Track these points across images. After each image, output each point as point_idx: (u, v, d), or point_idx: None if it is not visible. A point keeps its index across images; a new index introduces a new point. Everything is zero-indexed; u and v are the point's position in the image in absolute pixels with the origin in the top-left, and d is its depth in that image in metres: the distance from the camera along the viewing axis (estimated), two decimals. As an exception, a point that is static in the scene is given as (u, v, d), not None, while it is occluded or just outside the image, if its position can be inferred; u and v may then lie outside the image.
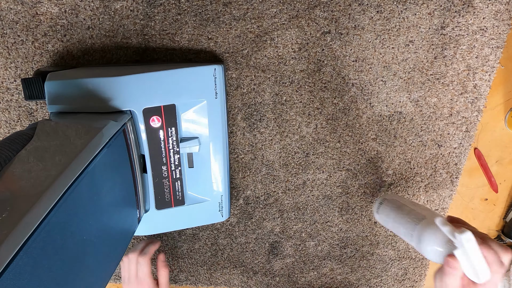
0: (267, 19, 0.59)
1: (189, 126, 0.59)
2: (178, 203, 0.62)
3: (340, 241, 0.76)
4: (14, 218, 0.30)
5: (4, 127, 0.64)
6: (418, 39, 0.60)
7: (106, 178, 0.45)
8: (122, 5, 0.57)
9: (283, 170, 0.69)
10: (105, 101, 0.51)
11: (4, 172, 0.36)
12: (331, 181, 0.71)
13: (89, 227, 0.41)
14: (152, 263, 0.75)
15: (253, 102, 0.64)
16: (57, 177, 0.35)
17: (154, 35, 0.59)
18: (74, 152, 0.39)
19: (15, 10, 0.57)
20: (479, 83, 0.63)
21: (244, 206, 0.73)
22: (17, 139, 0.41)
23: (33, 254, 0.31)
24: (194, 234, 0.75)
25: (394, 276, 0.80)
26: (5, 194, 0.33)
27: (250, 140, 0.67)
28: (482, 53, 0.61)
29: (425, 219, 0.52)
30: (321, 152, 0.68)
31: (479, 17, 0.59)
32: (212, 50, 0.60)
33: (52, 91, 0.51)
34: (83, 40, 0.59)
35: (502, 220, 0.76)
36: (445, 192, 0.72)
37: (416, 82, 0.63)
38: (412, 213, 0.55)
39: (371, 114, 0.65)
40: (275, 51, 0.61)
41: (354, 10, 0.58)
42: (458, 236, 0.42)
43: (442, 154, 0.69)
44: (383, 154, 0.68)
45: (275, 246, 0.77)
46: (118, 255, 0.53)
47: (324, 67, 0.62)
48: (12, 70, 0.60)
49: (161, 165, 0.58)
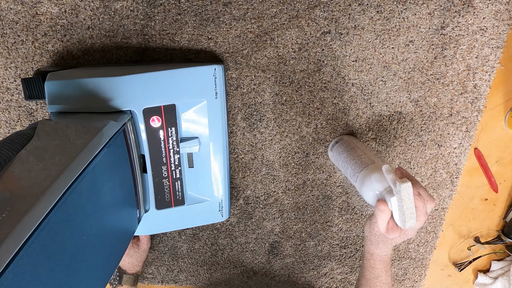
0: (267, 19, 0.59)
1: (189, 126, 0.59)
2: (178, 203, 0.62)
3: (340, 241, 0.76)
4: (14, 218, 0.30)
5: (4, 127, 0.64)
6: (418, 39, 0.60)
7: (106, 178, 0.45)
8: (122, 5, 0.57)
9: (283, 170, 0.69)
10: (105, 101, 0.51)
11: (4, 172, 0.36)
12: (331, 181, 0.71)
13: (89, 227, 0.41)
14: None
15: (253, 102, 0.64)
16: (57, 177, 0.35)
17: (154, 35, 0.59)
18: (74, 152, 0.39)
19: (15, 10, 0.57)
20: (479, 83, 0.63)
21: (244, 206, 0.73)
22: (17, 139, 0.41)
23: (33, 254, 0.31)
24: (194, 234, 0.75)
25: (394, 276, 0.80)
26: (5, 194, 0.33)
27: (250, 140, 0.67)
28: (482, 53, 0.61)
29: (372, 164, 0.54)
30: (321, 152, 0.68)
31: (479, 17, 0.59)
32: (212, 50, 0.60)
33: (52, 91, 0.51)
34: (83, 40, 0.59)
35: (502, 220, 0.76)
36: (445, 192, 0.72)
37: (416, 82, 0.63)
38: (362, 156, 0.57)
39: (371, 114, 0.65)
40: (275, 51, 0.61)
41: (354, 10, 0.58)
42: (399, 185, 0.44)
43: (442, 154, 0.69)
44: (383, 154, 0.68)
45: (275, 246, 0.77)
46: (118, 255, 0.53)
47: (324, 67, 0.62)
48: (12, 70, 0.60)
49: (161, 165, 0.58)
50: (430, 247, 0.78)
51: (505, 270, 0.78)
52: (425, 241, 0.77)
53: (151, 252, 0.77)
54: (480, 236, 0.78)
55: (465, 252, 0.79)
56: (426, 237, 0.77)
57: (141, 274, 0.76)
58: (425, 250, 0.78)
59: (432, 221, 0.75)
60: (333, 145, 0.65)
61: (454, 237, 0.78)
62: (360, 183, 0.54)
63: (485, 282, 0.80)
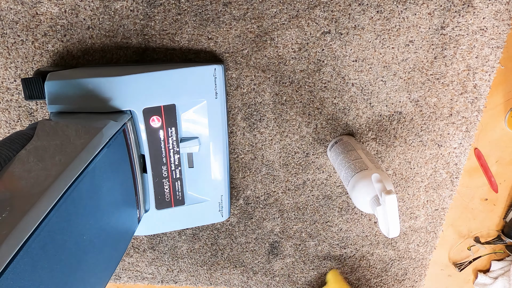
0: (267, 19, 0.59)
1: (189, 126, 0.59)
2: (178, 203, 0.62)
3: (340, 241, 0.76)
4: (14, 218, 0.30)
5: (4, 127, 0.64)
6: (418, 39, 0.60)
7: (106, 178, 0.45)
8: (122, 5, 0.57)
9: (283, 170, 0.69)
10: (105, 101, 0.51)
11: (4, 172, 0.36)
12: (331, 181, 0.71)
13: (89, 227, 0.41)
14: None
15: (253, 102, 0.64)
16: (57, 177, 0.35)
17: (154, 35, 0.59)
18: (74, 152, 0.39)
19: (15, 10, 0.57)
20: (479, 83, 0.63)
21: (244, 206, 0.73)
22: (17, 139, 0.41)
23: (33, 254, 0.31)
24: (194, 234, 0.75)
25: (394, 276, 0.80)
26: (5, 194, 0.33)
27: (250, 140, 0.67)
28: (482, 53, 0.61)
29: (365, 170, 0.55)
30: (321, 152, 0.68)
31: (479, 17, 0.59)
32: (212, 50, 0.60)
33: (52, 91, 0.51)
34: (83, 40, 0.59)
35: (502, 220, 0.76)
36: (445, 192, 0.72)
37: (416, 82, 0.63)
38: (357, 160, 0.57)
39: (371, 114, 0.65)
40: (275, 51, 0.61)
41: (354, 10, 0.58)
42: (384, 196, 0.46)
43: (442, 154, 0.69)
44: (383, 154, 0.69)
45: (275, 246, 0.77)
46: (118, 255, 0.53)
47: (324, 67, 0.62)
48: (12, 70, 0.60)
49: (161, 165, 0.58)
50: (430, 247, 0.78)
51: (505, 270, 0.78)
52: (425, 241, 0.77)
53: (151, 252, 0.77)
54: (480, 236, 0.78)
55: (465, 252, 0.79)
56: (426, 237, 0.77)
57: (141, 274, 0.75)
58: (425, 250, 0.78)
59: (432, 221, 0.75)
60: (332, 145, 0.65)
61: (454, 237, 0.78)
62: (351, 187, 0.55)
63: (485, 282, 0.80)
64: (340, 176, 0.60)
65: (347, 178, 0.56)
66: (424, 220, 0.75)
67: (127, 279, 0.80)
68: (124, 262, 0.78)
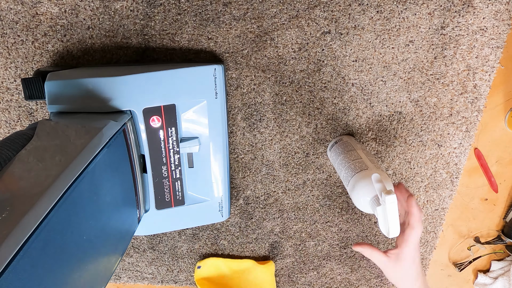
0: (267, 19, 0.59)
1: (189, 126, 0.59)
2: (178, 203, 0.62)
3: (340, 241, 0.76)
4: (14, 218, 0.30)
5: (4, 127, 0.64)
6: (418, 39, 0.60)
7: (106, 178, 0.45)
8: (122, 5, 0.57)
9: (283, 170, 0.69)
10: (105, 101, 0.51)
11: (4, 172, 0.36)
12: (331, 181, 0.71)
13: (89, 227, 0.41)
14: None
15: (253, 102, 0.64)
16: (57, 177, 0.35)
17: (154, 35, 0.59)
18: (74, 152, 0.39)
19: (15, 10, 0.57)
20: (479, 83, 0.63)
21: (244, 206, 0.73)
22: (17, 139, 0.41)
23: (33, 254, 0.31)
24: (194, 234, 0.75)
25: (394, 276, 0.80)
26: (5, 194, 0.33)
27: (250, 140, 0.67)
28: (482, 53, 0.61)
29: (365, 170, 0.55)
30: (321, 152, 0.68)
31: (479, 17, 0.59)
32: (212, 50, 0.60)
33: (52, 91, 0.51)
34: (83, 40, 0.59)
35: (502, 220, 0.76)
36: (445, 192, 0.72)
37: (416, 82, 0.63)
38: (357, 160, 0.57)
39: (371, 114, 0.65)
40: (275, 51, 0.61)
41: (354, 10, 0.58)
42: (384, 196, 0.46)
43: (442, 154, 0.69)
44: (383, 154, 0.69)
45: (275, 246, 0.77)
46: (118, 255, 0.53)
47: (324, 67, 0.62)
48: (12, 70, 0.60)
49: (161, 165, 0.58)
50: (430, 247, 0.78)
51: (505, 270, 0.78)
52: (425, 241, 0.77)
53: (151, 252, 0.77)
54: (480, 236, 0.78)
55: (465, 252, 0.79)
56: (426, 237, 0.77)
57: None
58: (425, 250, 0.78)
59: (432, 221, 0.75)
60: (332, 145, 0.65)
61: (454, 237, 0.78)
62: (351, 187, 0.55)
63: (485, 282, 0.80)
64: (340, 176, 0.60)
65: (347, 178, 0.56)
66: (424, 220, 0.75)
67: (127, 279, 0.80)
68: (124, 262, 0.78)
